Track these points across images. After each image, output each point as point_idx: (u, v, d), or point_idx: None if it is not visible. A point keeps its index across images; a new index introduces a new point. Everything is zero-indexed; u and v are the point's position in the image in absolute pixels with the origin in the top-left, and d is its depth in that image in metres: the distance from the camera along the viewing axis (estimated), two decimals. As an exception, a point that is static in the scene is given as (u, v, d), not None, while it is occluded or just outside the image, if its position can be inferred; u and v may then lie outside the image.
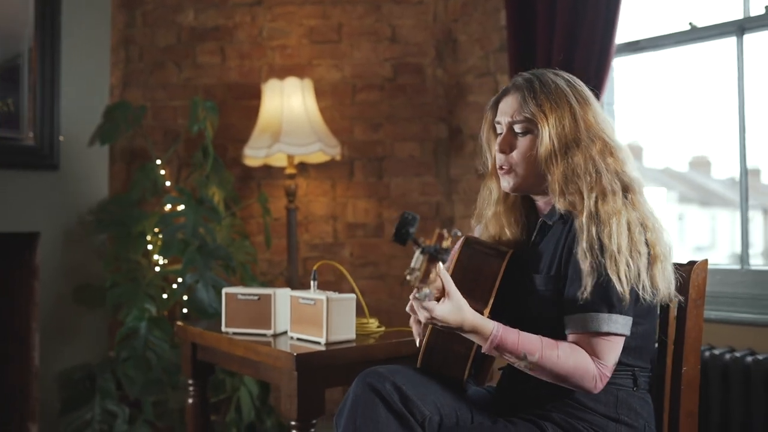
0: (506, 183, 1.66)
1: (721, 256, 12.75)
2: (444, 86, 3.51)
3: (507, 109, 1.64)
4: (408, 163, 3.52)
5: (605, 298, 1.47)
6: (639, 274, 1.48)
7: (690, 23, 2.69)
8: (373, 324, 2.20)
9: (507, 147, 1.63)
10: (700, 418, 1.99)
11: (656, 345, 1.68)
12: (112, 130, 3.17)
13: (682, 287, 1.62)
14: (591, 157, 1.55)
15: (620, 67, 2.99)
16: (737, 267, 2.51)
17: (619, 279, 1.46)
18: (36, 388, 3.01)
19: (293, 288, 2.78)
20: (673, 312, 1.66)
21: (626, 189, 1.56)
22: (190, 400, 2.41)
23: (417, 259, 1.31)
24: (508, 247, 1.68)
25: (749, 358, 2.23)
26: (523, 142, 1.62)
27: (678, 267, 1.62)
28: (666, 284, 1.53)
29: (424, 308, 1.46)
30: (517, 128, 1.62)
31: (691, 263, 1.64)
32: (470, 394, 1.69)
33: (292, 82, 3.22)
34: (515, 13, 2.90)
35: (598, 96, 1.67)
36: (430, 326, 1.62)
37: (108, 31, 3.31)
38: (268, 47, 3.53)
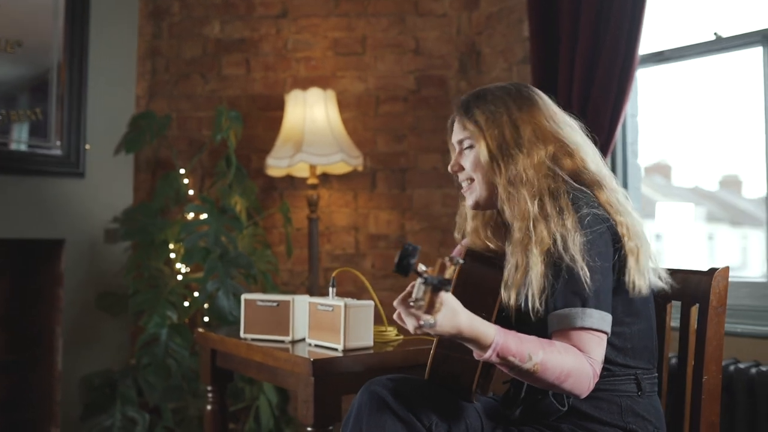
0: (467, 201, 1.69)
1: (753, 276, 12.48)
2: (467, 98, 3.50)
3: (451, 130, 1.71)
4: (431, 174, 3.51)
5: (577, 293, 1.44)
6: (605, 269, 1.47)
7: (715, 33, 2.66)
8: (391, 332, 2.19)
9: (456, 165, 1.69)
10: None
11: (656, 343, 1.62)
12: (137, 139, 3.21)
13: (702, 294, 1.59)
14: (537, 162, 1.54)
15: (644, 78, 2.96)
16: (765, 280, 2.46)
17: (585, 276, 1.43)
18: (58, 392, 3.04)
19: (314, 297, 2.77)
20: (694, 321, 1.63)
21: (591, 185, 1.55)
22: (209, 407, 2.42)
23: (419, 289, 1.27)
24: (503, 257, 1.66)
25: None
26: (468, 157, 1.65)
27: (699, 274, 1.59)
28: (642, 278, 1.51)
29: (413, 315, 1.32)
30: (465, 144, 1.67)
31: (712, 270, 1.61)
32: (479, 404, 1.67)
33: (314, 93, 3.24)
34: (538, 24, 2.89)
35: (579, 111, 1.71)
36: (436, 338, 1.59)
37: (135, 43, 3.37)
38: (293, 59, 3.56)
